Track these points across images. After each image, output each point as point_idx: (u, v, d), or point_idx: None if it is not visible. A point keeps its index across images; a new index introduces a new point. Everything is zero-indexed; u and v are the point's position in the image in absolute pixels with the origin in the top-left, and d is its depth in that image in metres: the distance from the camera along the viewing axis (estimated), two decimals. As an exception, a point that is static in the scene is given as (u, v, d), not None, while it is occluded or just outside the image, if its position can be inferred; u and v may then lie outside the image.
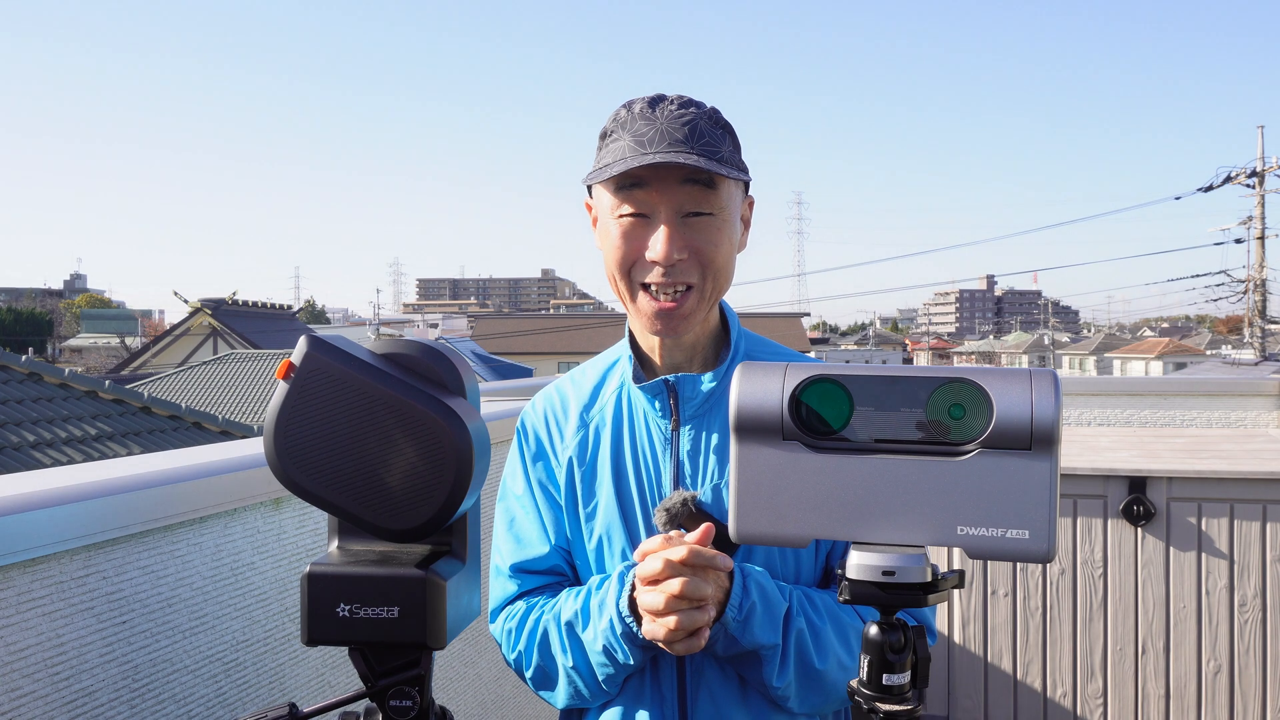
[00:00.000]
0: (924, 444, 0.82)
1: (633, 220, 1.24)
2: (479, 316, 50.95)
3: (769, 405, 0.86)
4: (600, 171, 1.23)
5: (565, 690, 1.30)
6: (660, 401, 1.30)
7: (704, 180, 1.22)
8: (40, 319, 56.96)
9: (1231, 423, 4.09)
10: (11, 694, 1.14)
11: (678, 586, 1.11)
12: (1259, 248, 25.75)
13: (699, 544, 1.14)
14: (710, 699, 1.26)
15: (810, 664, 1.21)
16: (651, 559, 1.14)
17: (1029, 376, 0.82)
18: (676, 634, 1.13)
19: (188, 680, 1.40)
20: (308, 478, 0.95)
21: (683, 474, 1.29)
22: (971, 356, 70.69)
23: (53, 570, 1.20)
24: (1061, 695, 3.09)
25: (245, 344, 28.77)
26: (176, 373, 19.27)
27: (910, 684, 0.86)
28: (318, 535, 1.70)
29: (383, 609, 0.96)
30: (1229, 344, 44.65)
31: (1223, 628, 2.98)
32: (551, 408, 1.41)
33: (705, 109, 1.26)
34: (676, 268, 1.23)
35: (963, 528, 0.81)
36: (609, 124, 1.27)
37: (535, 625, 1.31)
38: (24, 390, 6.66)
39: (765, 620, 1.18)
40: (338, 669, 1.74)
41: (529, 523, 1.37)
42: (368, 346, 1.01)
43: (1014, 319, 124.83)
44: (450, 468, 0.94)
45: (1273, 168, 24.82)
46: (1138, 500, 3.01)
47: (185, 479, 1.40)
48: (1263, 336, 26.67)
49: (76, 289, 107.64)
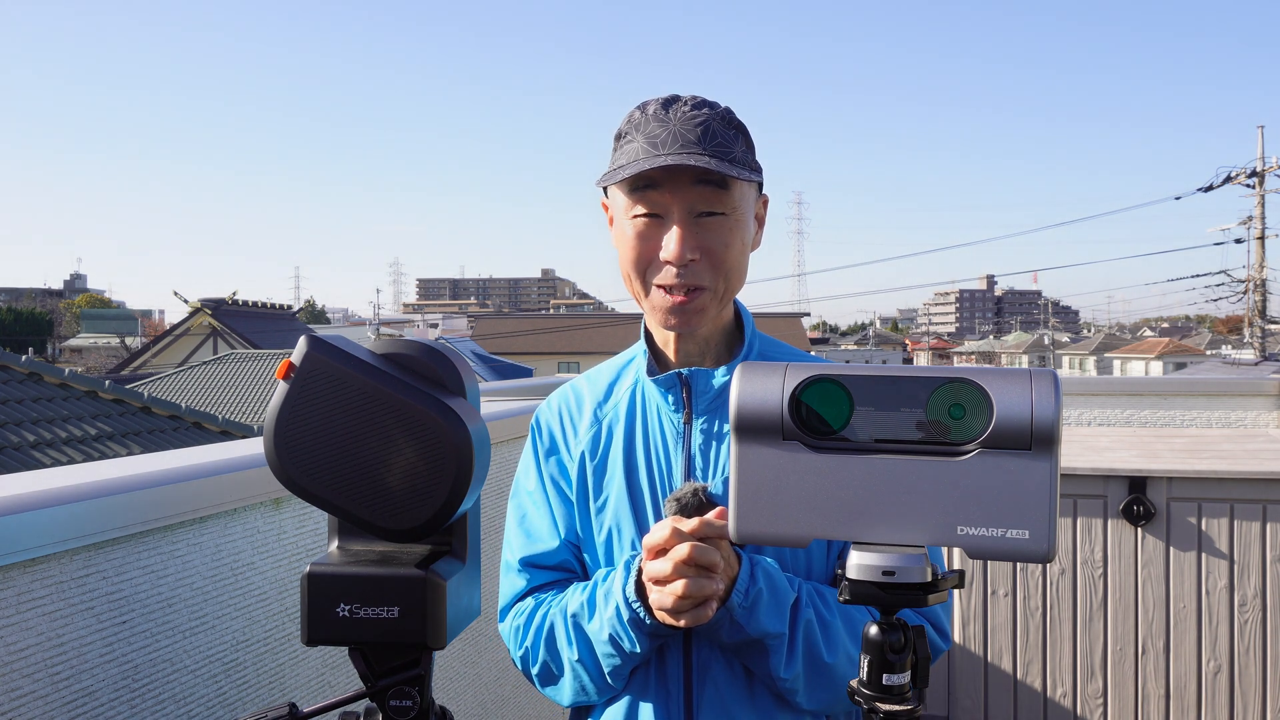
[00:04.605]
0: (924, 444, 0.82)
1: (646, 221, 1.26)
2: (479, 316, 50.98)
3: (769, 405, 0.86)
4: (614, 173, 1.25)
5: (571, 686, 1.30)
6: (673, 395, 1.32)
7: (716, 181, 1.23)
8: (40, 319, 56.98)
9: (1231, 423, 4.09)
10: (11, 694, 1.14)
11: (686, 551, 1.11)
12: (1259, 248, 25.75)
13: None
14: (716, 694, 1.25)
15: (819, 657, 1.21)
16: (659, 527, 1.14)
17: (1029, 376, 0.82)
18: (684, 602, 1.12)
19: (188, 680, 1.40)
20: (308, 478, 0.95)
21: (694, 467, 1.29)
22: (971, 356, 70.70)
23: (53, 570, 1.20)
24: (1061, 695, 3.09)
25: (245, 344, 28.78)
26: (176, 373, 19.28)
27: (910, 684, 0.86)
28: (318, 535, 1.70)
29: (383, 609, 0.96)
30: (1229, 344, 44.65)
31: (1223, 628, 2.98)
32: (566, 404, 1.43)
33: (719, 110, 1.27)
34: (689, 268, 1.24)
35: (963, 528, 0.81)
36: (623, 125, 1.29)
37: (542, 621, 1.31)
38: (24, 390, 6.66)
39: (772, 608, 1.18)
40: (338, 669, 1.74)
41: (540, 518, 1.38)
42: (368, 346, 1.01)
43: (1014, 319, 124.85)
44: (450, 468, 0.94)
45: (1273, 168, 24.82)
46: (1138, 500, 3.01)
47: (185, 479, 1.40)
48: (1263, 336, 26.67)
49: (76, 289, 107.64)
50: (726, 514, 1.15)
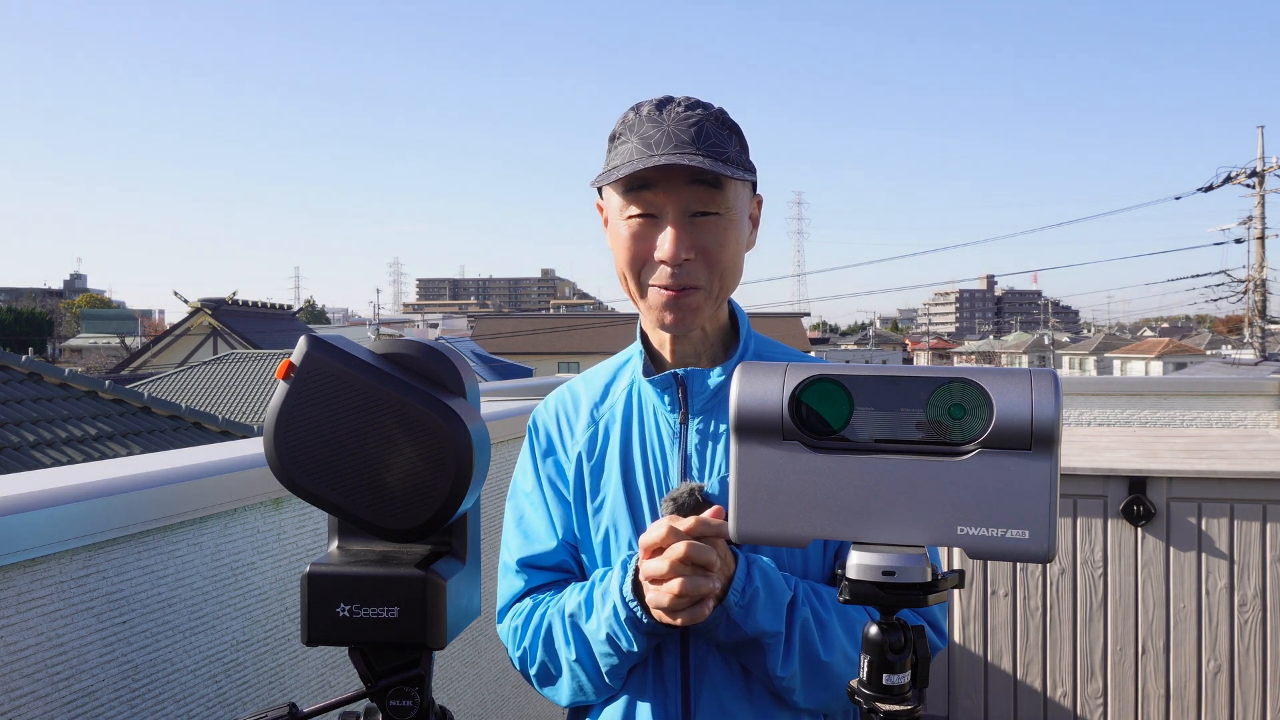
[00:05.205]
0: (924, 444, 0.82)
1: (641, 221, 1.26)
2: (479, 316, 50.98)
3: (769, 405, 0.86)
4: (608, 174, 1.25)
5: (569, 686, 1.30)
6: (669, 395, 1.32)
7: (710, 181, 1.23)
8: (40, 319, 56.97)
9: (1231, 423, 4.09)
10: (11, 694, 1.14)
11: (682, 550, 1.12)
12: (1259, 248, 25.75)
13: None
14: (714, 693, 1.26)
15: (816, 655, 1.21)
16: (655, 526, 1.15)
17: (1029, 376, 0.82)
18: (680, 600, 1.13)
19: (188, 680, 1.40)
20: (308, 478, 0.95)
21: (690, 467, 1.30)
22: (971, 356, 70.69)
23: (53, 570, 1.20)
24: (1061, 695, 3.09)
25: (245, 344, 28.78)
26: (176, 373, 19.28)
27: (910, 684, 0.86)
28: (318, 535, 1.70)
29: (383, 609, 0.96)
30: (1229, 344, 44.66)
31: (1223, 628, 2.98)
32: (563, 405, 1.43)
33: (712, 110, 1.28)
34: (684, 267, 1.24)
35: (963, 528, 0.81)
36: (617, 127, 1.29)
37: (540, 621, 1.31)
38: (24, 390, 6.66)
39: (769, 606, 1.19)
40: (338, 669, 1.74)
41: (537, 519, 1.38)
42: (368, 346, 1.01)
43: (1014, 319, 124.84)
44: (450, 468, 0.94)
45: (1273, 168, 24.82)
46: (1138, 500, 3.01)
47: (185, 479, 1.40)
48: (1263, 336, 26.67)
49: (76, 289, 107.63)
50: (723, 513, 1.15)
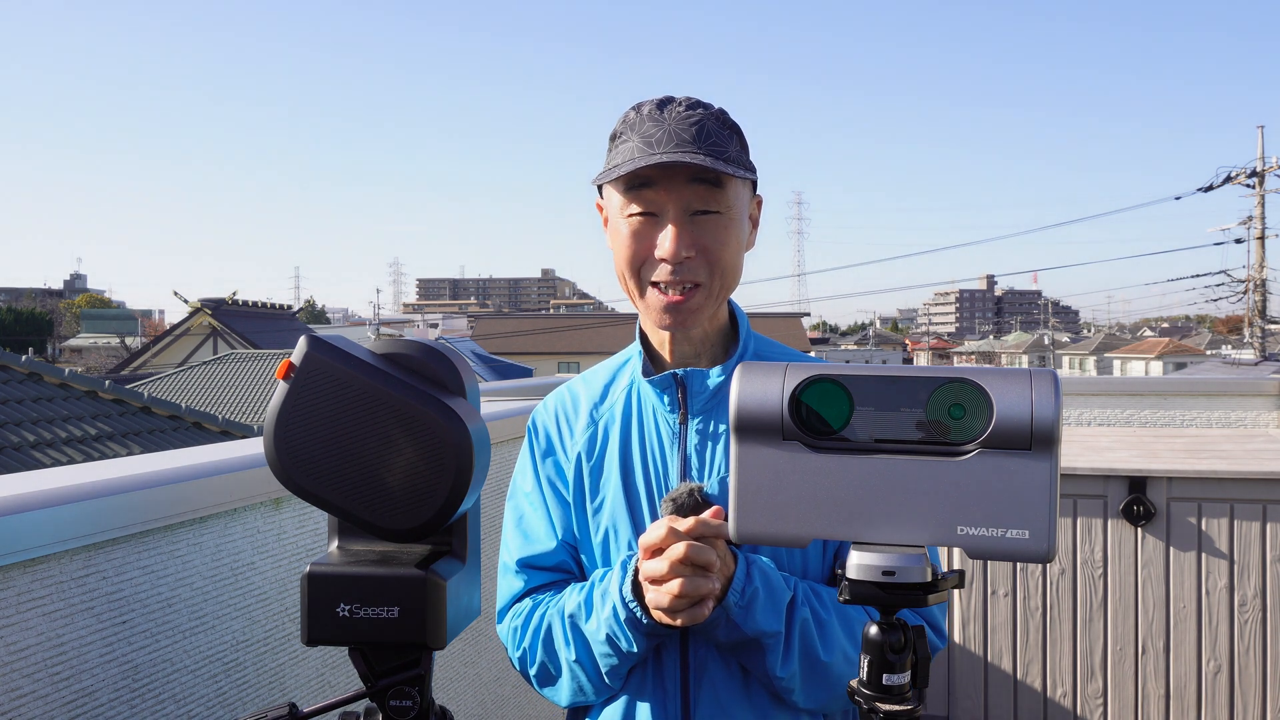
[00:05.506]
0: (924, 444, 0.82)
1: (642, 219, 1.26)
2: (479, 316, 50.99)
3: (769, 405, 0.86)
4: (609, 172, 1.26)
5: (568, 686, 1.30)
6: (669, 395, 1.32)
7: (711, 179, 1.24)
8: (40, 319, 56.95)
9: (1231, 423, 4.09)
10: (11, 694, 1.14)
11: (682, 550, 1.12)
12: (1259, 248, 25.75)
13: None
14: (713, 694, 1.26)
15: (815, 655, 1.21)
16: (655, 526, 1.15)
17: (1029, 376, 0.82)
18: (680, 601, 1.13)
19: (188, 680, 1.40)
20: (308, 478, 0.95)
21: (690, 467, 1.30)
22: (971, 356, 70.69)
23: (53, 570, 1.20)
24: (1061, 695, 3.09)
25: (245, 344, 28.78)
26: (176, 373, 19.28)
27: (910, 684, 0.86)
28: (318, 535, 1.70)
29: (383, 609, 0.96)
30: (1229, 344, 44.65)
31: (1223, 628, 2.99)
32: (562, 406, 1.43)
33: (713, 110, 1.28)
34: (684, 265, 1.25)
35: (963, 528, 0.81)
36: (618, 126, 1.30)
37: (540, 622, 1.31)
38: (24, 390, 6.66)
39: (768, 606, 1.19)
40: (338, 669, 1.74)
41: (537, 519, 1.38)
42: (368, 346, 1.01)
43: (1014, 319, 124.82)
44: (450, 468, 0.94)
45: (1273, 168, 24.81)
46: (1138, 500, 3.01)
47: (185, 479, 1.40)
48: (1263, 336, 26.67)
49: (76, 289, 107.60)
50: (722, 513, 1.15)
